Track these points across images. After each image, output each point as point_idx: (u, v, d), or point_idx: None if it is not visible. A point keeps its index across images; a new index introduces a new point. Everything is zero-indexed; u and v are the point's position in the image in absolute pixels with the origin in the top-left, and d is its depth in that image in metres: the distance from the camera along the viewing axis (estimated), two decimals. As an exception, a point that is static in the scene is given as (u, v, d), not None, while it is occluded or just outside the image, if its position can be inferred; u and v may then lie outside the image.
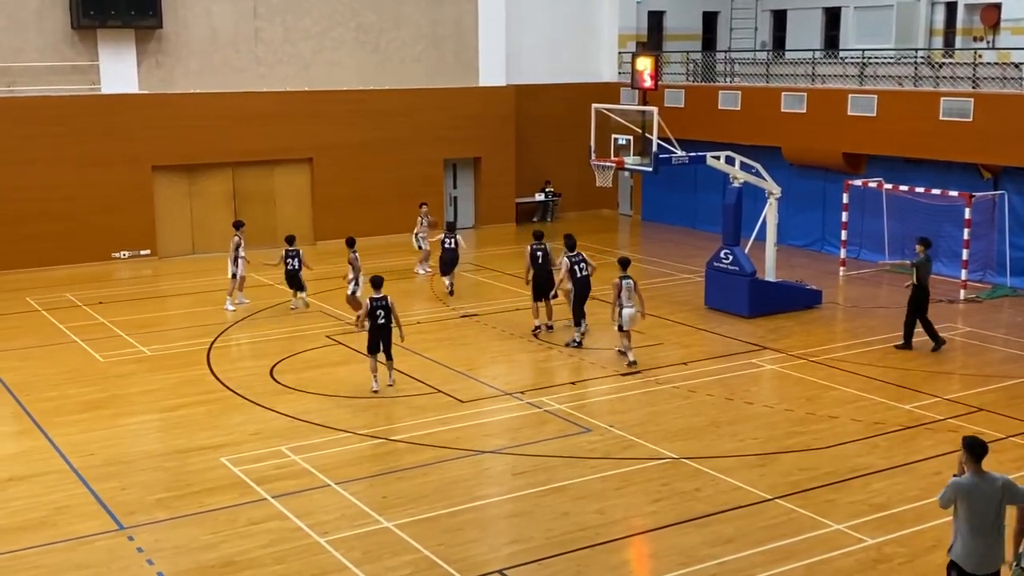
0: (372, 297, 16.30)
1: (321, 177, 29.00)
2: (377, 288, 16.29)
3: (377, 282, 16.36)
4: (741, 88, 29.19)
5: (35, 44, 25.61)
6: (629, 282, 17.57)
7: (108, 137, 26.26)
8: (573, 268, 18.69)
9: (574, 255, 18.84)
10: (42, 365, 18.18)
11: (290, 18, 28.29)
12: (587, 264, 18.96)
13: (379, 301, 16.25)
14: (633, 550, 11.61)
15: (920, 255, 18.58)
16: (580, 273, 18.74)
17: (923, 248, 18.65)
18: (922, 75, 25.88)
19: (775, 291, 21.46)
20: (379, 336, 16.33)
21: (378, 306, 16.23)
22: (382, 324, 16.26)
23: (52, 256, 25.84)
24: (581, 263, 18.81)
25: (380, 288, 16.31)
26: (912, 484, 12.92)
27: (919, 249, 18.69)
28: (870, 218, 25.70)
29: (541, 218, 32.99)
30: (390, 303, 16.29)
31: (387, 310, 16.26)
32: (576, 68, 33.25)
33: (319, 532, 11.71)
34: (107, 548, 11.46)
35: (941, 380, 17.06)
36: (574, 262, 18.73)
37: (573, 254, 18.86)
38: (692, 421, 15.20)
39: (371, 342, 16.37)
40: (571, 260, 18.74)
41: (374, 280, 16.43)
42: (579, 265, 18.77)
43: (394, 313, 16.35)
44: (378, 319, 16.22)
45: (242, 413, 15.71)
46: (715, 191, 27.72)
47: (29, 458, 14.00)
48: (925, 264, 18.58)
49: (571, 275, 18.73)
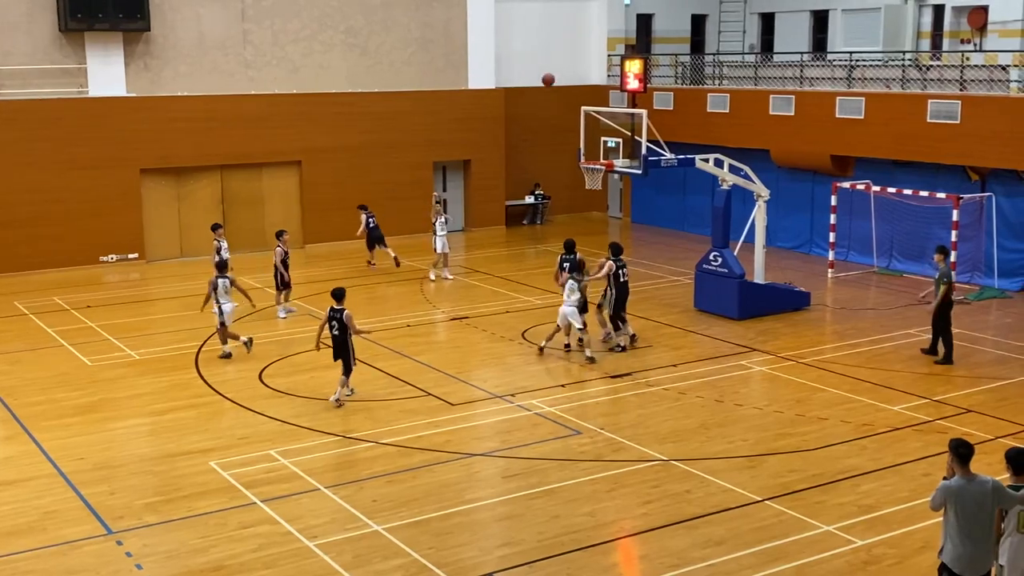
0: (331, 308, 15.91)
1: (310, 180, 28.96)
2: (338, 300, 15.89)
3: (338, 294, 15.96)
4: (730, 91, 29.26)
5: (23, 47, 25.52)
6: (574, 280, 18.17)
7: (96, 140, 26.18)
8: (618, 272, 18.54)
9: (618, 260, 18.69)
10: (30, 369, 18.10)
11: (279, 21, 28.26)
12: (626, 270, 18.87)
13: (335, 313, 15.84)
14: (624, 552, 11.61)
15: (942, 265, 18.21)
16: (622, 278, 18.64)
17: (943, 257, 18.37)
18: (910, 77, 25.98)
19: (764, 293, 21.50)
20: (334, 348, 15.95)
21: (333, 317, 15.84)
22: (335, 336, 15.84)
23: (40, 260, 25.74)
24: (624, 268, 18.73)
25: (340, 300, 15.91)
26: (901, 485, 12.95)
27: (940, 259, 18.29)
28: (858, 220, 25.78)
29: (531, 221, 33.02)
30: (346, 316, 15.78)
31: (341, 322, 15.76)
32: (565, 71, 33.19)
33: (309, 536, 11.69)
34: (96, 553, 11.41)
35: (930, 382, 17.11)
36: (619, 267, 18.61)
37: (617, 259, 18.70)
38: (682, 423, 15.22)
39: (333, 353, 16.05)
40: (617, 264, 18.60)
41: (335, 292, 16.02)
42: (623, 270, 18.67)
43: (351, 326, 15.86)
44: (332, 330, 15.85)
45: (231, 417, 15.67)
46: (704, 193, 27.81)
47: (17, 463, 13.94)
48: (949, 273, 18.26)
49: (615, 279, 18.57)
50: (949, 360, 17.92)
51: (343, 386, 16.00)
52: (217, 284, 18.25)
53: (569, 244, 19.23)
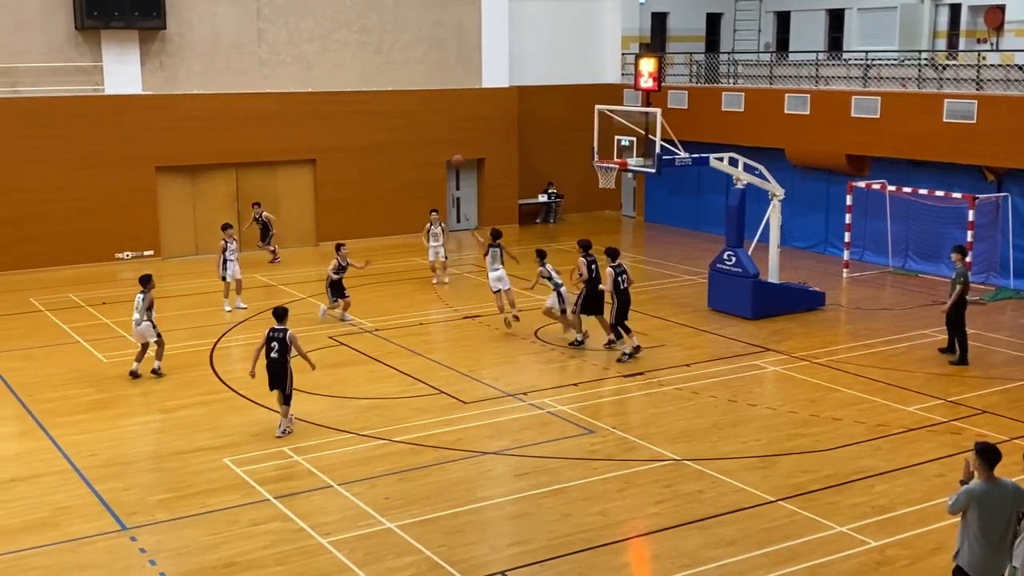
0: (271, 328, 14.67)
1: (324, 178, 29.01)
2: (280, 320, 14.69)
3: (280, 313, 14.80)
4: (744, 90, 29.17)
5: (39, 45, 25.63)
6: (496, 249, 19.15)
7: (111, 138, 26.28)
8: (617, 279, 18.07)
9: (616, 265, 18.18)
10: (45, 365, 18.19)
11: (293, 20, 28.31)
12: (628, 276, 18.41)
13: (276, 333, 14.54)
14: (635, 552, 11.59)
15: (959, 265, 18.17)
16: (622, 285, 18.17)
17: (960, 257, 18.31)
18: (926, 77, 25.86)
19: (778, 293, 21.43)
20: (270, 373, 14.57)
21: (273, 338, 14.52)
22: (273, 359, 14.46)
23: (55, 256, 25.86)
24: (623, 274, 18.24)
25: (283, 320, 14.71)
26: (915, 486, 12.90)
27: (957, 259, 18.25)
28: (873, 220, 25.68)
29: (544, 220, 33.01)
30: (289, 337, 14.53)
31: (282, 343, 14.45)
32: (579, 69, 33.26)
33: (321, 533, 11.71)
34: (109, 549, 11.46)
35: (944, 382, 17.03)
36: (617, 272, 18.14)
37: (616, 264, 18.20)
38: (695, 423, 15.18)
39: (269, 377, 14.63)
40: (616, 271, 18.18)
41: (276, 311, 14.88)
42: (622, 276, 18.19)
43: (296, 348, 14.64)
44: (271, 352, 14.48)
45: (244, 414, 15.71)
46: (718, 193, 27.74)
47: (31, 459, 14.01)
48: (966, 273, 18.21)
49: (614, 287, 18.08)
50: (964, 361, 17.84)
51: (286, 416, 14.72)
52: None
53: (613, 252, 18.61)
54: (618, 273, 18.12)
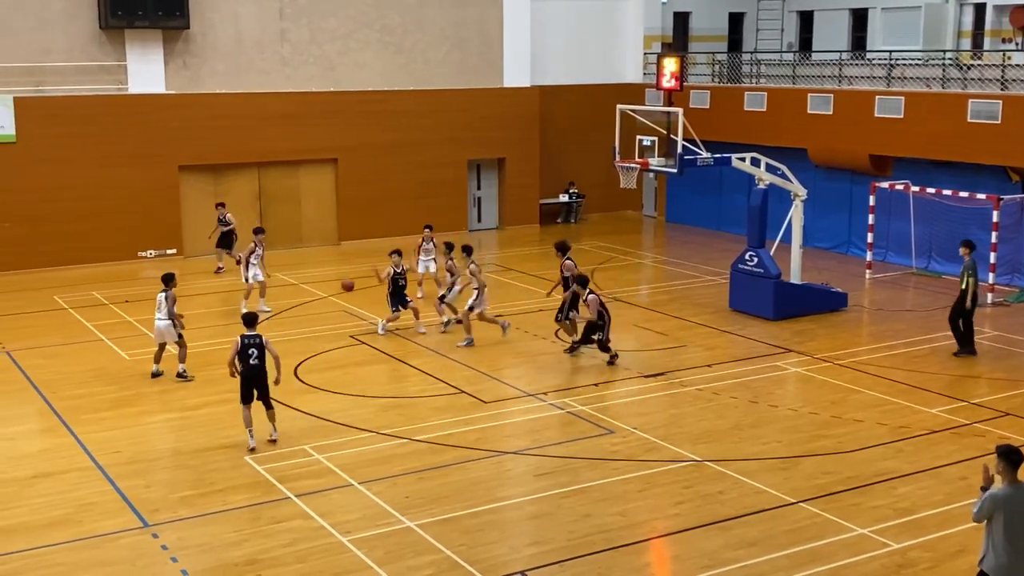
0: (244, 335, 14.27)
1: (346, 177, 29.08)
2: (250, 326, 14.35)
3: (250, 319, 14.52)
4: (767, 89, 29.06)
5: (63, 44, 25.82)
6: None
7: (135, 137, 26.44)
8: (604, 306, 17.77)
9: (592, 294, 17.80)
10: (68, 363, 18.31)
11: (316, 19, 28.40)
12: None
13: (251, 339, 14.16)
14: (655, 552, 11.57)
15: (967, 258, 18.35)
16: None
17: (968, 251, 18.46)
18: (950, 77, 25.69)
19: (800, 293, 21.34)
20: (252, 381, 14.17)
21: (250, 344, 14.13)
22: (254, 365, 14.14)
23: (78, 255, 26.04)
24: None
25: (253, 326, 14.38)
26: (937, 489, 12.82)
27: (965, 252, 18.44)
28: (897, 221, 25.53)
29: (565, 219, 32.98)
30: (264, 342, 14.25)
31: (260, 349, 14.15)
32: (601, 69, 33.21)
33: (342, 531, 11.74)
34: (131, 546, 11.53)
35: (967, 384, 16.91)
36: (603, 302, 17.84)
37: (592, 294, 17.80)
38: (715, 424, 15.14)
39: (244, 389, 14.19)
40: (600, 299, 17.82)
41: (246, 317, 14.63)
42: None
43: (271, 352, 14.29)
44: (250, 359, 14.13)
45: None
46: (740, 193, 27.63)
47: (55, 455, 14.11)
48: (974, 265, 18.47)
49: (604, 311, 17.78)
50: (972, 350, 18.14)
51: (273, 420, 14.44)
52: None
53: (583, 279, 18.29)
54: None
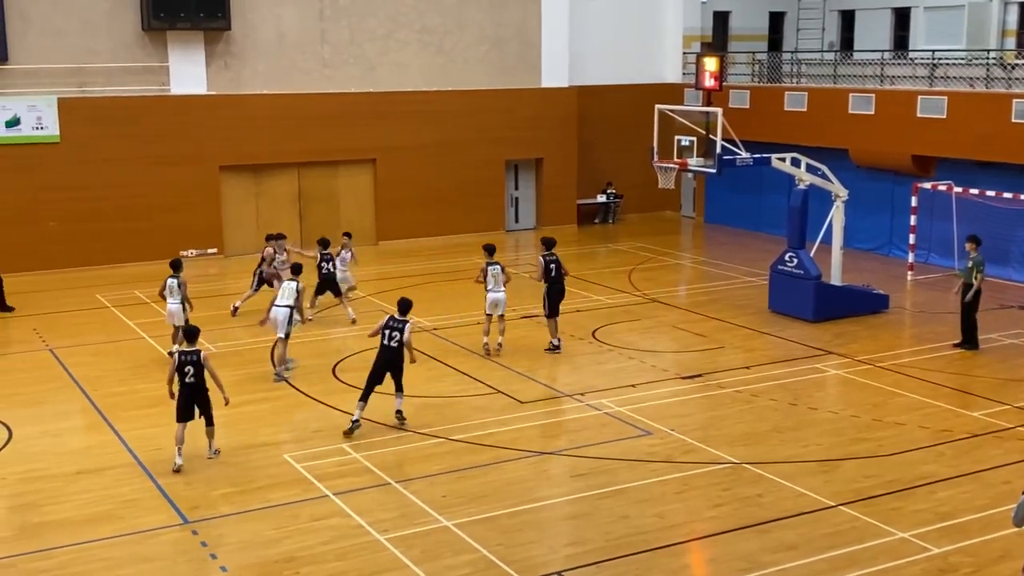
0: (181, 351, 13.75)
1: (384, 178, 29.20)
2: (190, 341, 13.77)
3: (189, 333, 13.93)
4: (808, 89, 28.85)
5: (106, 45, 26.12)
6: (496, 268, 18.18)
7: (177, 137, 26.71)
8: (548, 267, 18.34)
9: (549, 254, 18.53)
10: (111, 360, 18.53)
11: (356, 20, 28.54)
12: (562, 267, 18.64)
13: (188, 356, 13.56)
14: (693, 555, 11.52)
15: (974, 254, 18.53)
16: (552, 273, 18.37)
17: (975, 246, 18.62)
18: (994, 76, 25.37)
19: (841, 295, 21.17)
20: (190, 400, 13.56)
21: (187, 361, 13.51)
22: (190, 383, 13.49)
23: (121, 253, 26.34)
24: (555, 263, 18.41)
25: (193, 341, 13.77)
26: (979, 493, 12.67)
27: (972, 248, 18.64)
28: (939, 222, 25.25)
29: (603, 220, 32.92)
30: (203, 358, 13.58)
31: (198, 367, 13.48)
32: (640, 69, 33.11)
33: (379, 530, 11.79)
34: (172, 542, 11.65)
35: (1011, 387, 16.70)
36: (548, 261, 18.39)
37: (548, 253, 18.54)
38: (754, 426, 15.05)
39: (179, 406, 13.56)
40: (545, 260, 18.45)
41: (186, 331, 14.14)
42: (552, 266, 18.36)
43: (209, 370, 13.57)
44: (186, 376, 13.49)
45: (305, 410, 15.88)
46: (780, 193, 27.41)
47: (98, 452, 14.29)
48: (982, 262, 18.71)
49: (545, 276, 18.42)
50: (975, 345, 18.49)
51: (212, 438, 13.98)
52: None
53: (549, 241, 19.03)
54: (548, 262, 18.32)
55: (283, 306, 17.16)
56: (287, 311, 17.13)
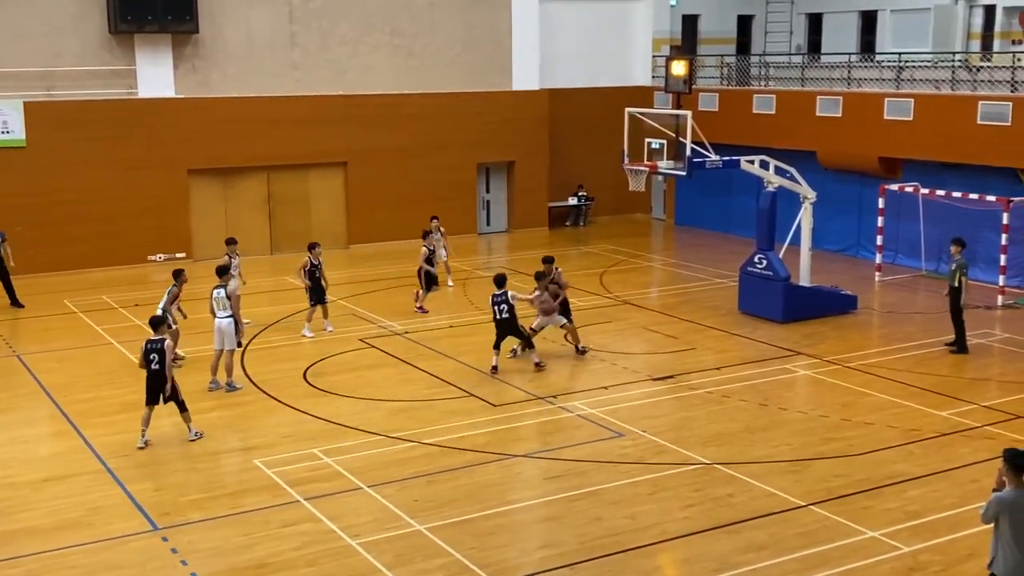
0: (148, 339, 14.39)
1: (355, 181, 29.12)
2: (155, 329, 14.48)
3: (154, 322, 14.61)
4: (776, 92, 29.04)
5: (73, 49, 25.91)
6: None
7: (145, 141, 26.53)
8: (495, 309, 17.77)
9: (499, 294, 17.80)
10: (79, 366, 18.37)
11: (326, 23, 28.45)
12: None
13: (153, 344, 14.25)
14: (665, 556, 11.55)
15: (958, 256, 18.71)
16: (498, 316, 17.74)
17: (959, 249, 18.80)
18: (960, 79, 25.64)
19: (810, 296, 21.31)
20: (155, 385, 14.30)
21: (151, 349, 14.22)
22: (155, 371, 14.22)
23: (89, 259, 26.12)
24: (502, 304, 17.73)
25: (157, 329, 14.47)
26: (948, 492, 12.78)
27: (956, 251, 18.79)
28: (906, 223, 25.47)
29: (574, 222, 32.98)
30: (164, 347, 14.23)
31: (161, 354, 14.18)
32: (610, 72, 33.22)
33: (351, 535, 11.75)
34: (142, 549, 11.55)
35: (978, 387, 16.86)
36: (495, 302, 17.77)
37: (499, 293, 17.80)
38: (725, 427, 15.11)
39: (147, 391, 14.36)
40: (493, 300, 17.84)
41: (152, 320, 14.76)
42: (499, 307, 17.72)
43: (167, 361, 14.26)
44: (151, 364, 14.23)
45: (275, 415, 15.80)
46: (749, 195, 27.61)
47: (66, 459, 14.15)
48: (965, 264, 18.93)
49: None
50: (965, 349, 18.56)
51: (189, 422, 14.65)
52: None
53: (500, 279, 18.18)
54: (495, 303, 17.75)
55: (224, 317, 16.81)
56: (230, 321, 16.80)
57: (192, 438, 14.60)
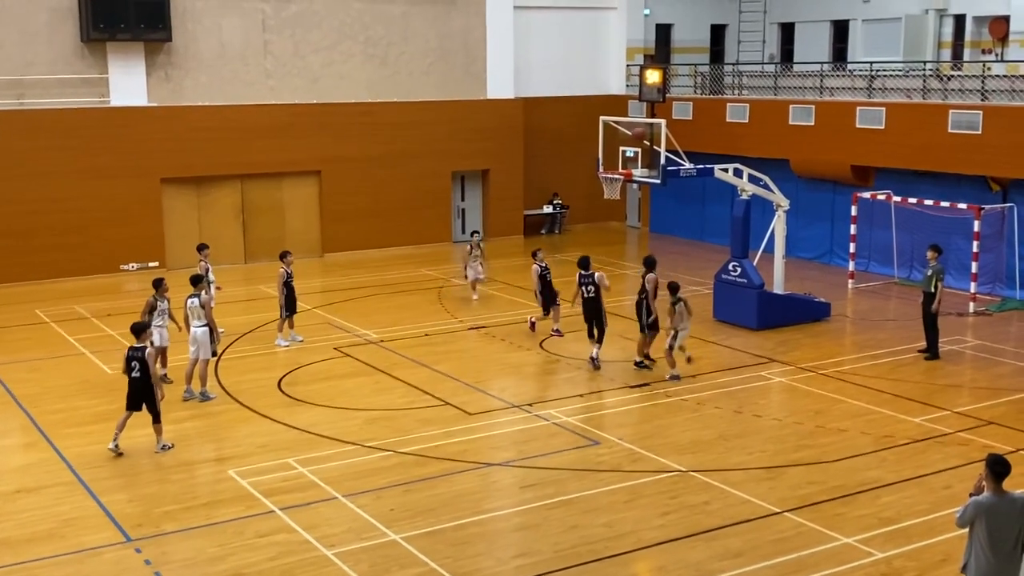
0: (130, 347, 14.40)
1: (330, 189, 29.05)
2: (137, 336, 14.37)
3: (136, 329, 14.48)
4: (749, 101, 29.19)
5: (45, 57, 25.72)
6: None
7: (117, 150, 26.34)
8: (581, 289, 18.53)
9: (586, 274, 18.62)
10: (51, 377, 18.20)
11: (299, 31, 28.39)
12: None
13: (135, 352, 14.26)
14: (641, 564, 11.56)
15: (934, 263, 18.90)
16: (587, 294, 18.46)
17: (936, 255, 19.02)
18: (931, 88, 25.87)
19: (784, 304, 21.42)
20: (136, 392, 14.34)
21: (133, 357, 14.24)
22: (136, 378, 14.26)
23: (61, 268, 25.90)
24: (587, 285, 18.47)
25: (139, 337, 14.38)
26: (921, 498, 12.86)
27: (933, 256, 18.99)
28: (879, 230, 25.66)
29: (549, 230, 33.02)
30: (147, 355, 14.23)
31: (143, 363, 14.17)
32: (584, 81, 33.32)
33: (326, 545, 11.69)
34: (115, 560, 11.45)
35: (951, 393, 16.99)
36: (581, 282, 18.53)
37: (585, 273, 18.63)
38: (701, 434, 15.15)
39: (128, 397, 14.45)
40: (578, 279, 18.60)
41: (134, 327, 14.56)
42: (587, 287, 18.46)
43: (151, 369, 14.22)
44: (133, 371, 14.26)
45: (250, 425, 15.71)
46: (723, 203, 27.75)
47: (37, 470, 14.01)
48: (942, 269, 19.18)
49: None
50: (936, 355, 18.76)
51: (160, 434, 14.61)
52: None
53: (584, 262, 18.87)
54: (582, 283, 18.48)
55: (200, 326, 16.69)
56: (205, 330, 16.67)
57: (159, 451, 14.48)
